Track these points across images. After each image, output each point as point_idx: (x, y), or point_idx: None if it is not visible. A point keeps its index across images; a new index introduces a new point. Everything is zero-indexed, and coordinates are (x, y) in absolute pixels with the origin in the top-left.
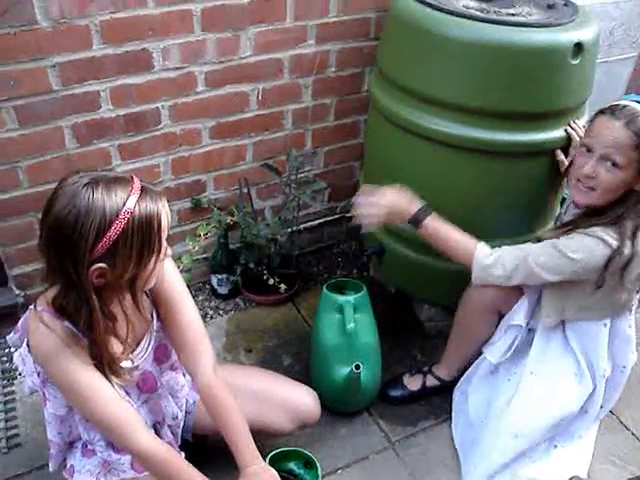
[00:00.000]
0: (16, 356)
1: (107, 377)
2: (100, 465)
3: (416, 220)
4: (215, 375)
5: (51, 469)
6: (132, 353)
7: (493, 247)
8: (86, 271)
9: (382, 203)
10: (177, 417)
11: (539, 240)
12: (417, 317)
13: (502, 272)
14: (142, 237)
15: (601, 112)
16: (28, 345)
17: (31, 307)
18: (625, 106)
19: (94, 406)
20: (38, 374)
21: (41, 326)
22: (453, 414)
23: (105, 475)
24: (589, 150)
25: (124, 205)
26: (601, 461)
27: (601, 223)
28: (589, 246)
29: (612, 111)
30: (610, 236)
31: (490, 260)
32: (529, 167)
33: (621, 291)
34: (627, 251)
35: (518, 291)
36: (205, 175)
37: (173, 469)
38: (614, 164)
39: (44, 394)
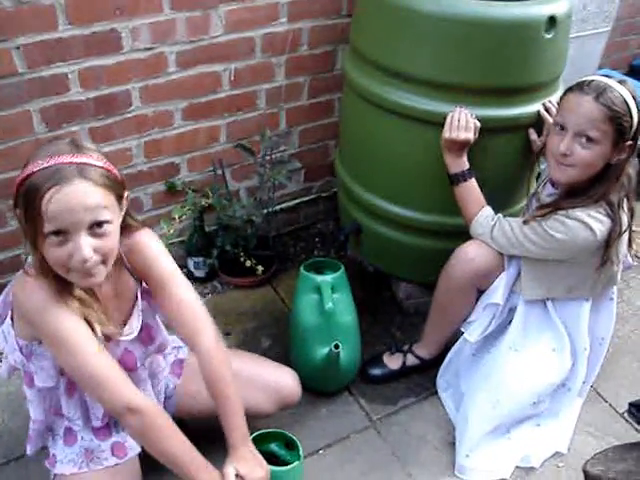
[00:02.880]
0: None
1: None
2: (82, 454)
3: (458, 178)
4: (217, 346)
5: (28, 452)
6: (121, 331)
7: None
8: None
9: (471, 128)
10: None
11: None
12: (395, 295)
13: (489, 230)
14: (24, 213)
15: (569, 89)
16: (12, 319)
17: (16, 274)
18: (592, 80)
19: (82, 359)
20: (21, 350)
21: (29, 280)
22: (442, 397)
23: (88, 464)
24: (562, 128)
25: (22, 171)
26: (579, 432)
27: (582, 204)
28: (572, 228)
29: (580, 87)
30: (592, 217)
31: (489, 218)
32: (503, 142)
33: (612, 265)
34: (617, 227)
35: (498, 268)
36: (179, 157)
37: (164, 429)
38: (589, 139)
39: (29, 371)
